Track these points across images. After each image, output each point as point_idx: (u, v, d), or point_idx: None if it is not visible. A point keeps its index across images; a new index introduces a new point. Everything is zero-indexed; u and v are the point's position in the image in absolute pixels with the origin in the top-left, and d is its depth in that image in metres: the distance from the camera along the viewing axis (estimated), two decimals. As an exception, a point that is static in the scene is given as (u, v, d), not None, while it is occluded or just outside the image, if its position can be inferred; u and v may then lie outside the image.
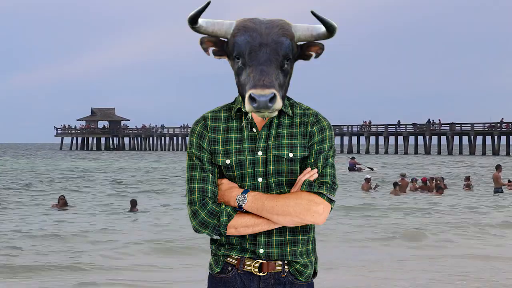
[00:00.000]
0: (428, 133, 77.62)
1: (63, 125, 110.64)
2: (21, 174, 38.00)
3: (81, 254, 11.12)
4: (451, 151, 75.22)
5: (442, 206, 19.05)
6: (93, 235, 13.31)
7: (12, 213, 17.68)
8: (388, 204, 19.38)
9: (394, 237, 12.87)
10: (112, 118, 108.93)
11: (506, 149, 71.17)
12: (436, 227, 14.26)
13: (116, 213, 17.66)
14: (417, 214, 17.08)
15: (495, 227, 14.44)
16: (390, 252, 11.29)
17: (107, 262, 10.49)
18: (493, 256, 10.74)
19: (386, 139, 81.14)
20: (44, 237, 13.07)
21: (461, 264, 10.07)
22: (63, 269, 9.85)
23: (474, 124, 74.77)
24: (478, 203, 19.84)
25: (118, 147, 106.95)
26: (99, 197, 22.96)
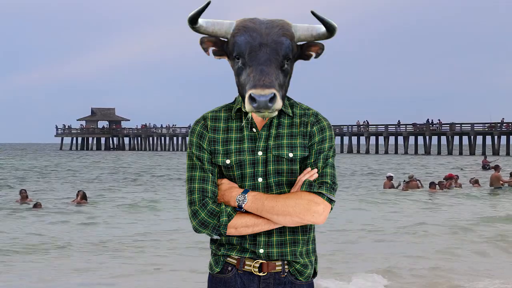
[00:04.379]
0: (428, 133, 77.64)
1: (63, 125, 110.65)
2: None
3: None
4: (451, 151, 75.22)
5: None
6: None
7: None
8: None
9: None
10: (112, 118, 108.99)
11: (506, 149, 71.15)
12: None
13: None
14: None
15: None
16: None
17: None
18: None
19: (386, 139, 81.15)
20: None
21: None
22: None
23: (474, 124, 74.76)
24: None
25: (118, 147, 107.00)
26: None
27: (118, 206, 19.31)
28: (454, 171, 34.03)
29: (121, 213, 17.77)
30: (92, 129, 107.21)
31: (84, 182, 31.18)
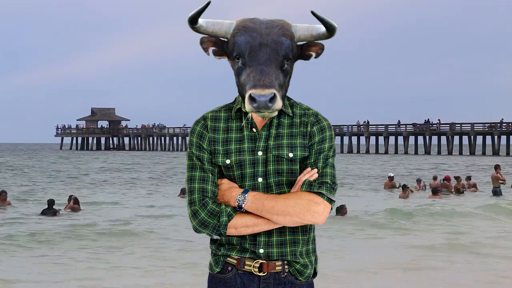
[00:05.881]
0: (428, 133, 77.63)
1: (63, 125, 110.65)
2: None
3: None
4: (451, 151, 75.19)
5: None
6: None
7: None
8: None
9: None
10: (112, 118, 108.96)
11: (506, 149, 71.13)
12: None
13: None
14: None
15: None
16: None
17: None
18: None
19: (386, 139, 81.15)
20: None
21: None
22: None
23: (474, 124, 74.74)
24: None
25: (118, 147, 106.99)
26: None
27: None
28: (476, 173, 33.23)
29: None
30: (92, 129, 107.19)
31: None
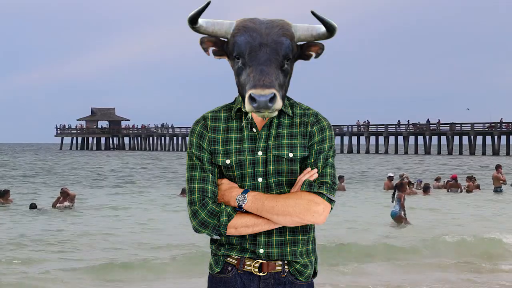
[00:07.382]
0: (428, 133, 77.62)
1: (63, 125, 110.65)
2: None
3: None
4: (451, 151, 75.14)
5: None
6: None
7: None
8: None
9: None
10: (112, 118, 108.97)
11: (506, 149, 71.10)
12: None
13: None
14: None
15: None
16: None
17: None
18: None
19: (386, 139, 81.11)
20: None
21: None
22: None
23: (474, 124, 74.72)
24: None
25: (118, 147, 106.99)
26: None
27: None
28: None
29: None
30: (92, 129, 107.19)
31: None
